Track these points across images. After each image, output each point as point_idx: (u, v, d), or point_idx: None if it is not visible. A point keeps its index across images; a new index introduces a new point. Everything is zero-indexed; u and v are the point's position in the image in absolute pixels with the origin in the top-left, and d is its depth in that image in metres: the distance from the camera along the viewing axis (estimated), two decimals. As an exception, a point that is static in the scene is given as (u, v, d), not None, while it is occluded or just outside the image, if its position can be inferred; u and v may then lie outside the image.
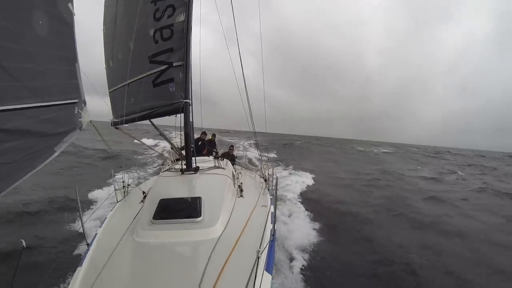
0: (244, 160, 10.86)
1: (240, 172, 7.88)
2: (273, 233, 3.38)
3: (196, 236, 3.20)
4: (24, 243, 2.51)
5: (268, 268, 2.74)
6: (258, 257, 2.27)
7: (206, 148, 8.76)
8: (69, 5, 2.48)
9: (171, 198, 3.82)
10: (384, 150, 53.08)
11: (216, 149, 9.63)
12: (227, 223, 3.58)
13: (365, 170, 20.58)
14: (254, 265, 2.30)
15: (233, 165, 8.17)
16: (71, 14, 2.52)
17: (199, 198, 3.77)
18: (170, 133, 6.30)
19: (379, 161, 31.22)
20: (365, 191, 12.90)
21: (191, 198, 3.81)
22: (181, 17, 4.95)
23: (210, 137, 9.86)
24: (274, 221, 3.78)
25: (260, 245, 3.10)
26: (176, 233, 3.29)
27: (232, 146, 10.12)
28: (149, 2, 5.01)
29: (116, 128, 5.93)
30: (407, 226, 8.32)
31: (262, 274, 2.57)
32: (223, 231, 3.37)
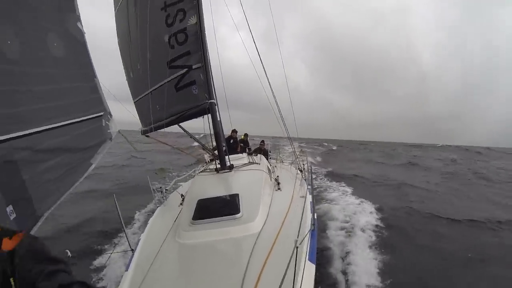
0: (278, 154, 10.81)
1: (275, 166, 7.90)
2: (313, 222, 3.32)
3: (237, 233, 3.23)
4: (69, 253, 2.62)
5: (311, 257, 2.72)
6: (297, 247, 2.24)
7: (239, 146, 8.83)
8: (78, 24, 2.59)
9: (208, 198, 3.87)
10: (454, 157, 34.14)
11: (250, 147, 9.79)
12: (267, 217, 3.58)
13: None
14: (294, 255, 2.24)
15: (267, 159, 8.23)
16: (81, 33, 2.63)
17: (237, 195, 3.81)
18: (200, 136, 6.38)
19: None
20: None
21: (229, 195, 3.85)
22: (193, 20, 4.99)
23: (242, 137, 9.97)
24: (313, 210, 3.72)
25: (298, 235, 3.07)
26: (217, 231, 3.33)
27: (263, 141, 10.16)
28: (159, 9, 5.09)
29: (147, 136, 6.16)
30: None
31: (305, 264, 2.53)
32: (263, 225, 3.37)
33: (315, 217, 3.64)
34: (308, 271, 2.51)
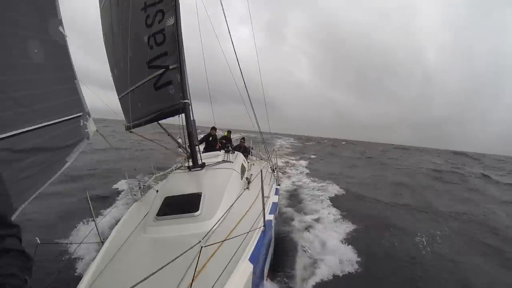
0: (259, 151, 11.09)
1: (253, 164, 8.09)
2: (265, 223, 3.47)
3: (193, 230, 3.39)
4: (38, 240, 2.71)
5: (252, 257, 2.81)
6: (202, 247, 2.37)
7: (217, 143, 9.02)
8: (60, 28, 2.75)
9: (174, 195, 4.10)
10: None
11: (232, 144, 9.91)
12: (226, 215, 3.70)
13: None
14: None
15: (246, 157, 8.40)
16: (63, 36, 2.80)
17: (200, 193, 4.02)
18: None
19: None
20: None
21: (192, 194, 4.07)
22: (171, 21, 5.16)
23: (225, 134, 10.19)
24: (274, 211, 3.86)
25: (246, 235, 3.17)
26: (176, 227, 3.54)
27: (243, 138, 10.41)
28: (139, 9, 5.24)
29: (130, 132, 6.33)
30: None
31: (243, 263, 2.67)
32: (219, 223, 3.46)
33: (273, 218, 3.84)
34: (245, 271, 2.63)
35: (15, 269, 1.08)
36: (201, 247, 2.39)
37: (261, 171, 3.83)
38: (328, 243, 5.74)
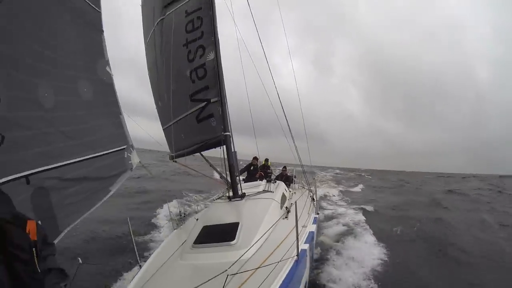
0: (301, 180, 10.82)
1: (294, 193, 7.94)
2: (298, 253, 3.34)
3: (229, 258, 3.32)
4: (80, 260, 2.80)
5: (282, 286, 2.74)
6: (227, 275, 2.40)
7: (258, 173, 9.03)
8: (107, 68, 3.04)
9: (212, 225, 4.17)
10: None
11: (272, 173, 9.81)
12: (262, 244, 3.68)
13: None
14: (264, 282, 2.39)
15: (288, 186, 8.29)
16: (109, 76, 3.08)
17: (237, 223, 4.04)
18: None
19: None
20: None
21: (230, 223, 4.11)
22: (211, 56, 5.43)
23: (263, 162, 10.13)
24: (310, 240, 3.72)
25: (278, 263, 3.09)
26: (212, 255, 3.58)
27: (284, 167, 10.28)
28: (181, 45, 5.59)
29: (174, 161, 6.59)
30: None
31: None
32: (255, 252, 3.48)
33: (308, 247, 3.71)
34: None
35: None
36: (227, 275, 2.41)
37: (296, 202, 3.79)
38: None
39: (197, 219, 4.88)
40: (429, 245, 8.07)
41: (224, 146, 5.55)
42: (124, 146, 3.29)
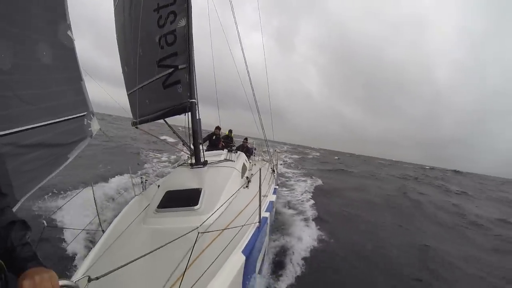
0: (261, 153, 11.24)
1: (254, 164, 8.22)
2: (260, 219, 3.58)
3: (192, 223, 3.45)
4: (45, 223, 2.91)
5: (245, 250, 2.92)
6: (198, 232, 2.51)
7: (220, 142, 9.20)
8: (68, 32, 2.91)
9: (175, 190, 4.24)
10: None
11: (233, 144, 10.11)
12: (224, 211, 3.85)
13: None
14: (228, 245, 2.51)
15: (248, 157, 8.54)
16: (71, 40, 2.95)
17: (200, 189, 4.15)
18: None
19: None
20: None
21: (193, 189, 4.21)
22: (183, 22, 5.29)
23: (226, 133, 10.38)
24: (271, 209, 3.97)
25: (240, 229, 3.28)
26: (175, 219, 3.67)
27: (246, 138, 10.67)
28: (152, 10, 5.40)
29: (136, 127, 6.51)
30: None
31: (236, 255, 2.78)
32: (217, 218, 3.63)
33: (269, 215, 3.94)
34: (237, 261, 2.75)
35: (27, 239, 1.22)
36: (198, 233, 2.51)
37: (260, 169, 3.92)
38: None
39: (158, 186, 4.97)
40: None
41: (189, 113, 5.57)
42: (85, 113, 3.23)
